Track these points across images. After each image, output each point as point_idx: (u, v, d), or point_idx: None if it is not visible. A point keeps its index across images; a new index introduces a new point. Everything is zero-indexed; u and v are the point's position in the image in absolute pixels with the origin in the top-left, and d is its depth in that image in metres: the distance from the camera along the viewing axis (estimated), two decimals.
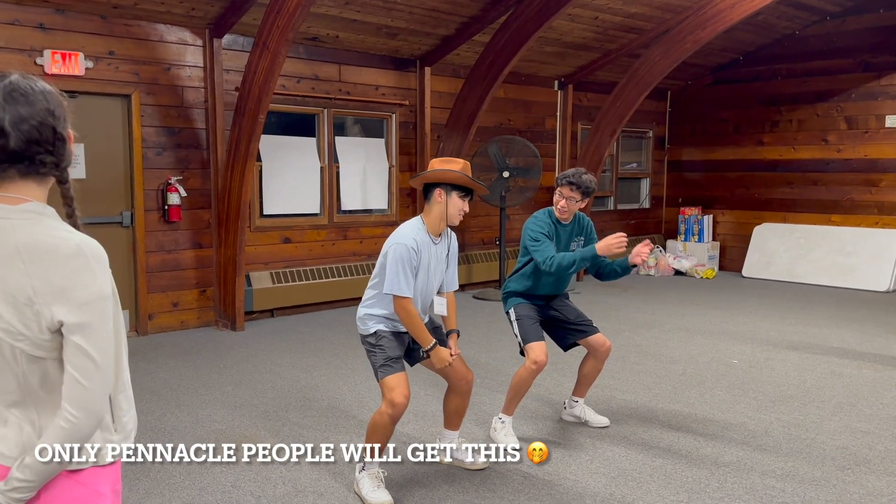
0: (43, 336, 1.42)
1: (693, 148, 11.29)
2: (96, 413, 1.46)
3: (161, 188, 6.48)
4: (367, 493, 3.29)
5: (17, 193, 1.45)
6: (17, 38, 5.62)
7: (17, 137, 1.41)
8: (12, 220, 1.42)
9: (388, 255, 3.27)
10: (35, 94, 1.45)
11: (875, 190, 9.59)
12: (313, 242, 7.61)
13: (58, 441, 1.44)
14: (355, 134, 8.07)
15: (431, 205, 3.36)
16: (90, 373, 1.43)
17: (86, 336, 1.42)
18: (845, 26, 9.67)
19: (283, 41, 5.81)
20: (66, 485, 1.51)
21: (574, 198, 3.91)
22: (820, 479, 3.59)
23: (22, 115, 1.41)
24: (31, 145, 1.42)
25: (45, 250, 1.41)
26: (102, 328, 1.45)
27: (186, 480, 3.51)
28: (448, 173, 3.32)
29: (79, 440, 1.45)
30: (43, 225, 1.44)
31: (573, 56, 9.19)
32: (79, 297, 1.41)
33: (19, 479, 1.43)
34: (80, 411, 1.43)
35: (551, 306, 4.12)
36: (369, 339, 3.34)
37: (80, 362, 1.42)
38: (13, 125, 1.41)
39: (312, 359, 5.74)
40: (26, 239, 1.41)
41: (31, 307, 1.41)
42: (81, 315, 1.42)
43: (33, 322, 1.41)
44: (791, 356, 5.91)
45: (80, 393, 1.43)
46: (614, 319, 7.16)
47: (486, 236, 9.26)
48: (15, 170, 1.43)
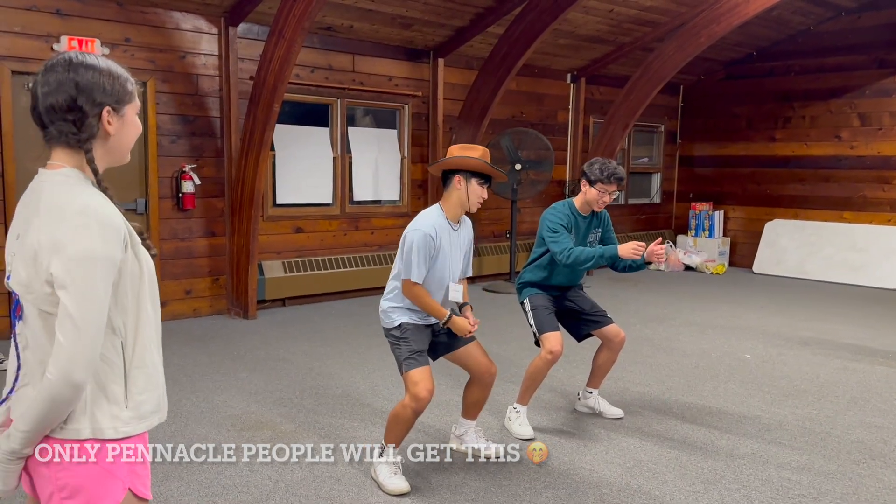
0: (45, 290, 1.46)
1: (705, 143, 11.26)
2: (72, 377, 1.43)
3: (175, 176, 6.49)
4: (384, 479, 3.30)
5: (56, 160, 1.55)
6: (34, 24, 5.63)
7: (42, 104, 1.51)
8: (45, 182, 1.53)
9: (406, 241, 3.28)
10: (70, 66, 1.51)
11: (888, 187, 9.55)
12: (325, 232, 7.62)
13: (36, 401, 1.47)
14: (366, 125, 8.07)
15: (450, 191, 3.36)
16: (67, 331, 1.43)
17: (69, 293, 1.43)
18: (860, 22, 9.62)
19: (299, 30, 5.81)
20: (70, 456, 1.52)
21: (614, 192, 3.95)
22: (835, 473, 3.59)
23: (49, 82, 1.51)
24: (49, 113, 1.52)
25: (55, 206, 1.48)
26: (87, 288, 1.43)
27: (203, 465, 3.53)
28: (468, 160, 3.32)
29: (54, 403, 1.44)
30: (67, 186, 1.51)
31: (587, 49, 9.16)
32: (70, 251, 1.44)
33: (8, 433, 1.50)
34: (56, 370, 1.43)
35: (566, 297, 4.13)
36: (394, 332, 3.34)
37: (61, 319, 1.44)
38: (42, 94, 1.52)
39: (325, 348, 5.75)
40: (49, 196, 1.50)
41: (35, 260, 1.46)
42: (68, 270, 1.43)
43: (36, 276, 1.47)
44: (803, 352, 5.90)
45: (58, 351, 1.44)
46: (625, 313, 7.15)
47: (497, 229, 9.26)
48: (47, 136, 1.54)
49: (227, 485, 3.33)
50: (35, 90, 1.52)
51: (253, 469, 3.49)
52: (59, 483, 1.51)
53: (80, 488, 1.51)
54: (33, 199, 1.52)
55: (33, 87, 1.53)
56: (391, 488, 3.27)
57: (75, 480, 1.51)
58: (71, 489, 1.51)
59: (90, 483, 1.52)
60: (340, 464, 3.57)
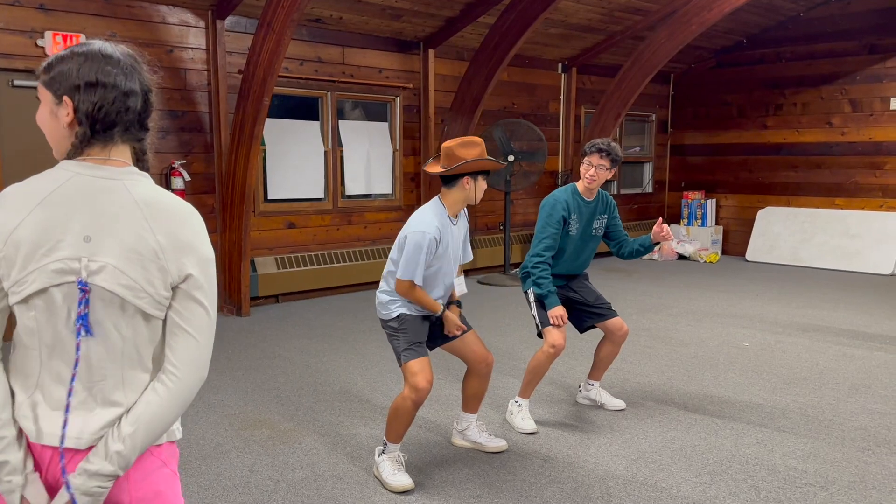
0: (165, 293, 1.42)
1: (696, 132, 11.24)
2: (202, 372, 1.46)
3: (164, 172, 6.39)
4: (387, 476, 3.25)
5: (121, 157, 1.46)
6: (17, 19, 5.52)
7: (143, 100, 1.46)
8: (122, 180, 1.43)
9: (408, 240, 3.19)
10: (145, 66, 1.50)
11: (879, 173, 9.56)
12: (318, 227, 7.54)
13: (162, 404, 1.40)
14: (357, 117, 7.99)
15: (456, 190, 3.27)
16: (205, 328, 1.44)
17: (203, 293, 1.44)
18: (851, 8, 9.60)
19: (288, 21, 5.72)
20: (152, 464, 1.48)
21: (603, 166, 3.85)
22: (841, 461, 3.56)
23: (147, 79, 1.48)
24: (148, 110, 1.48)
25: (165, 207, 1.43)
26: (214, 287, 1.48)
27: (203, 465, 3.47)
28: (480, 163, 3.23)
29: (182, 401, 1.43)
30: (151, 185, 1.46)
31: (577, 38, 9.10)
32: (201, 253, 1.45)
33: (118, 451, 1.37)
34: (189, 367, 1.43)
35: (570, 287, 4.08)
36: (391, 324, 3.28)
37: (197, 318, 1.44)
38: (142, 88, 1.46)
39: (321, 344, 5.69)
40: (143, 194, 1.42)
41: (156, 262, 1.39)
42: (202, 271, 1.44)
43: (157, 278, 1.40)
44: (801, 339, 5.89)
45: (194, 348, 1.43)
46: (621, 303, 7.12)
47: (491, 221, 9.20)
48: (126, 134, 1.45)
49: (228, 486, 3.27)
50: (133, 87, 1.43)
51: (253, 469, 3.43)
52: (138, 494, 1.45)
53: (158, 494, 1.48)
54: (103, 198, 1.39)
55: (128, 83, 1.43)
56: (394, 485, 3.22)
57: (155, 487, 1.47)
58: (150, 498, 1.47)
59: (167, 487, 1.50)
60: (342, 462, 3.52)
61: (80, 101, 1.38)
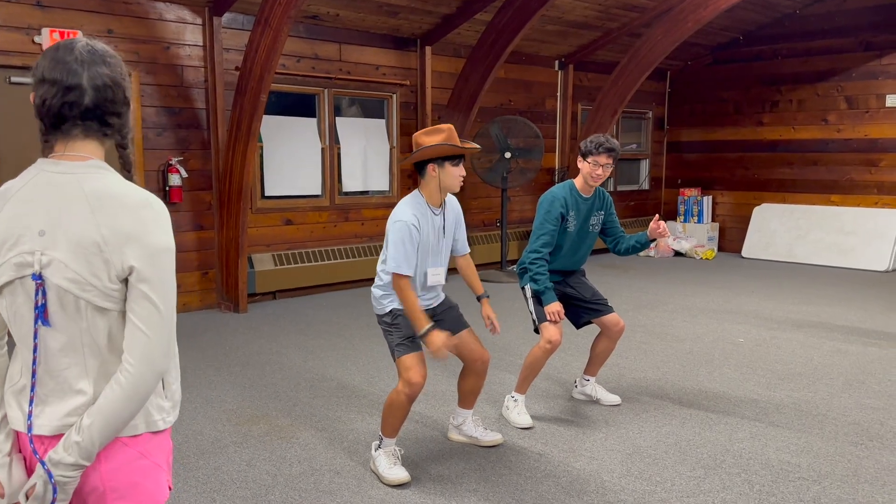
0: (112, 285, 1.41)
1: (692, 129, 11.26)
2: (157, 366, 1.43)
3: (162, 169, 6.40)
4: (383, 470, 3.27)
5: (80, 151, 1.46)
6: (14, 16, 5.52)
7: (93, 95, 1.43)
8: (77, 174, 1.44)
9: (390, 233, 3.20)
10: (114, 57, 1.49)
11: (875, 170, 9.59)
12: (315, 224, 7.55)
13: (116, 398, 1.41)
14: (353, 114, 8.00)
15: (427, 180, 3.27)
16: (154, 322, 1.42)
17: (152, 285, 1.42)
18: (846, 5, 9.63)
19: (285, 18, 5.73)
20: (127, 455, 1.47)
21: (609, 164, 3.89)
22: (834, 455, 3.59)
23: (100, 73, 1.44)
24: (104, 104, 1.45)
25: (113, 198, 1.42)
26: (168, 279, 1.44)
27: (201, 460, 3.49)
28: (436, 148, 3.18)
29: (138, 396, 1.42)
30: (109, 178, 1.46)
31: (574, 35, 9.12)
32: (147, 244, 1.42)
33: (76, 441, 1.40)
34: (141, 362, 1.41)
35: (568, 283, 4.10)
36: (385, 319, 3.30)
37: (144, 311, 1.42)
38: (91, 83, 1.43)
39: (318, 340, 5.71)
40: (94, 188, 1.42)
41: (99, 255, 1.40)
42: (149, 263, 1.42)
43: (102, 271, 1.40)
44: (796, 335, 5.92)
45: (143, 342, 1.42)
46: (616, 299, 7.15)
47: (488, 218, 9.22)
48: (81, 129, 1.45)
49: (226, 480, 3.29)
50: (78, 82, 1.42)
51: (251, 464, 3.45)
52: (111, 484, 1.46)
53: (135, 485, 1.48)
54: (56, 192, 1.42)
55: (70, 78, 1.42)
56: (391, 479, 3.24)
57: (131, 478, 1.47)
58: (125, 488, 1.47)
59: (144, 479, 1.49)
60: (339, 456, 3.54)
61: (36, 97, 1.44)
